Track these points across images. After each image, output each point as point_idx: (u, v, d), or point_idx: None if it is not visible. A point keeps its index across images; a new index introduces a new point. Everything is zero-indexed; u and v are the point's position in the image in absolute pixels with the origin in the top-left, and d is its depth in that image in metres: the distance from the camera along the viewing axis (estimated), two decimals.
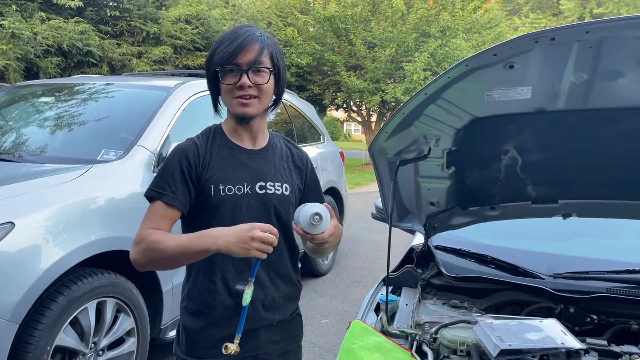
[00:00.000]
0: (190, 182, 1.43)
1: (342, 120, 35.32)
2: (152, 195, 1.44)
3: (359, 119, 21.37)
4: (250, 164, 1.50)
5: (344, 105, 21.48)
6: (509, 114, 1.73)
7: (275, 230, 1.29)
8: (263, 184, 1.50)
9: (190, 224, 1.48)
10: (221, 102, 1.51)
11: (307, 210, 1.35)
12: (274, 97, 1.53)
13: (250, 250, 1.25)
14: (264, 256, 1.27)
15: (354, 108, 21.24)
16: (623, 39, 1.35)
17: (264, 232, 1.26)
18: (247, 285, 1.32)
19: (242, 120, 1.47)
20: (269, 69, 1.43)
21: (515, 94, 1.60)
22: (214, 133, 1.52)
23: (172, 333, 3.09)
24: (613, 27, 1.32)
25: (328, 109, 23.99)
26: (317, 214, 1.33)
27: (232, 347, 1.32)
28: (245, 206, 1.47)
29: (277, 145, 1.61)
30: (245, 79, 1.39)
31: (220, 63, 1.40)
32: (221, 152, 1.48)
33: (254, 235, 1.24)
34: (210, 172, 1.45)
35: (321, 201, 1.63)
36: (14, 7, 9.22)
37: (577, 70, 1.47)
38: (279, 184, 1.53)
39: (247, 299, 1.31)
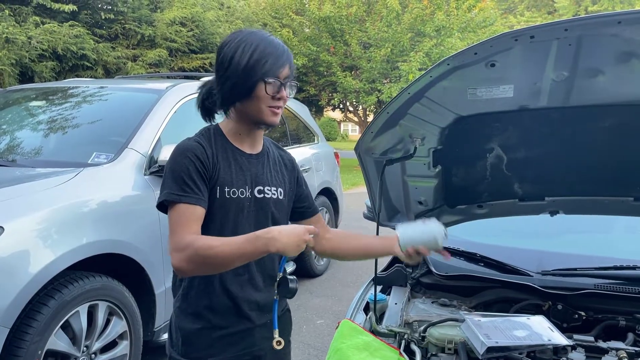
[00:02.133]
0: (207, 181, 1.43)
1: (339, 120, 35.31)
2: (173, 199, 1.38)
3: (355, 119, 21.38)
4: (249, 167, 1.52)
5: (341, 106, 21.50)
6: (492, 112, 1.74)
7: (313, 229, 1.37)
8: (261, 188, 1.52)
9: None
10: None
11: (434, 229, 1.48)
12: None
13: (295, 253, 1.33)
14: None
15: (351, 108, 21.26)
16: (601, 36, 1.36)
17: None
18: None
19: (267, 128, 1.53)
20: (296, 84, 1.51)
21: (497, 92, 1.61)
22: (214, 134, 1.51)
23: (166, 335, 3.09)
24: (591, 25, 1.33)
25: (325, 110, 24.01)
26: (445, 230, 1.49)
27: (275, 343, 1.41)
28: (246, 209, 1.49)
29: (270, 150, 1.63)
30: (284, 92, 1.45)
31: (269, 74, 1.41)
32: (224, 155, 1.49)
33: (307, 239, 1.32)
34: (218, 174, 1.45)
35: (311, 198, 1.73)
36: (7, 11, 9.20)
37: (557, 67, 1.49)
38: (275, 189, 1.56)
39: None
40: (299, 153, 5.06)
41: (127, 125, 3.22)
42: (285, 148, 1.74)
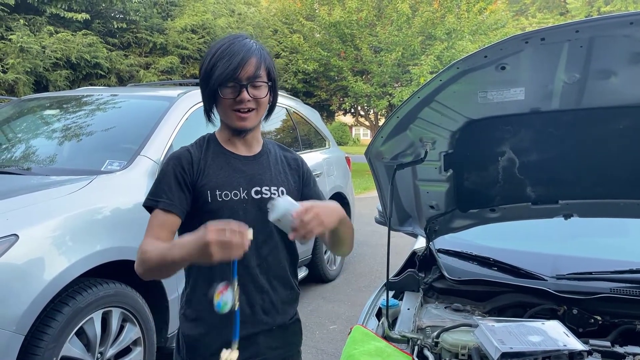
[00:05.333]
0: (185, 188, 1.44)
1: (350, 125, 35.35)
2: (150, 204, 1.45)
3: (367, 123, 21.39)
4: (245, 169, 1.51)
5: (352, 110, 21.53)
6: (503, 115, 1.73)
7: (236, 224, 1.18)
8: (259, 188, 1.51)
9: (189, 231, 1.49)
10: (215, 113, 1.53)
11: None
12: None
13: (214, 257, 1.16)
14: (236, 257, 1.19)
15: (362, 113, 21.27)
16: (613, 38, 1.34)
17: (219, 235, 1.16)
18: (221, 287, 1.25)
19: (240, 133, 1.50)
20: (266, 82, 1.46)
21: (508, 95, 1.60)
22: (207, 141, 1.54)
23: None
24: (602, 26, 1.32)
25: (336, 114, 24.04)
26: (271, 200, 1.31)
27: (226, 355, 1.27)
28: (242, 211, 1.47)
29: (272, 151, 1.62)
30: (245, 94, 1.42)
31: (222, 79, 1.41)
32: (216, 159, 1.50)
33: (209, 241, 1.16)
34: (206, 179, 1.46)
35: (320, 197, 1.64)
36: (22, 21, 9.35)
37: (569, 69, 1.47)
38: (275, 188, 1.54)
39: (228, 303, 1.25)
40: (310, 158, 5.06)
41: (139, 132, 3.25)
42: (296, 153, 1.73)
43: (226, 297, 1.24)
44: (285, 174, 1.60)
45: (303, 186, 1.64)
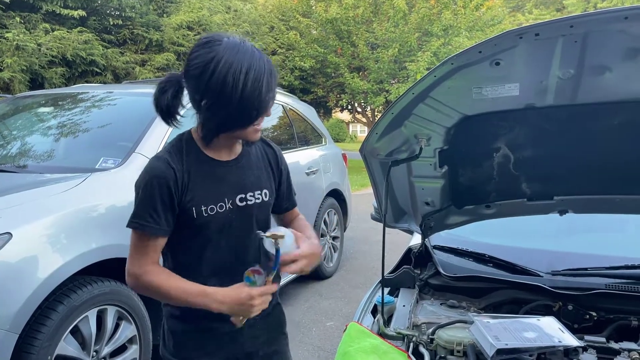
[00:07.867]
0: (171, 209, 1.39)
1: (347, 122, 35.33)
2: (135, 227, 1.38)
3: (364, 120, 21.36)
4: (229, 177, 1.47)
5: (349, 107, 21.51)
6: (498, 111, 1.73)
7: (273, 288, 1.38)
8: (243, 195, 1.49)
9: (174, 243, 1.45)
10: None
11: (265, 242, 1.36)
12: None
13: (253, 312, 1.37)
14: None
15: (359, 109, 21.26)
16: (607, 32, 1.34)
17: (262, 297, 1.36)
18: (256, 267, 1.38)
19: (253, 144, 1.52)
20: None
21: (503, 90, 1.59)
22: (186, 145, 1.45)
23: None
24: (597, 21, 1.31)
25: (333, 111, 24.03)
26: (274, 235, 1.33)
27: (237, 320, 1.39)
28: (228, 223, 1.46)
29: (253, 147, 1.58)
30: (269, 110, 1.43)
31: (264, 107, 1.38)
32: (198, 170, 1.43)
33: (254, 304, 1.34)
34: (190, 194, 1.40)
35: (292, 195, 1.70)
36: (17, 19, 9.30)
37: (563, 65, 1.47)
38: (259, 192, 1.52)
39: (256, 283, 1.37)
40: (307, 155, 5.07)
41: (134, 130, 3.23)
42: (292, 150, 1.73)
43: (257, 278, 1.36)
44: (267, 172, 1.59)
45: (279, 183, 1.64)
